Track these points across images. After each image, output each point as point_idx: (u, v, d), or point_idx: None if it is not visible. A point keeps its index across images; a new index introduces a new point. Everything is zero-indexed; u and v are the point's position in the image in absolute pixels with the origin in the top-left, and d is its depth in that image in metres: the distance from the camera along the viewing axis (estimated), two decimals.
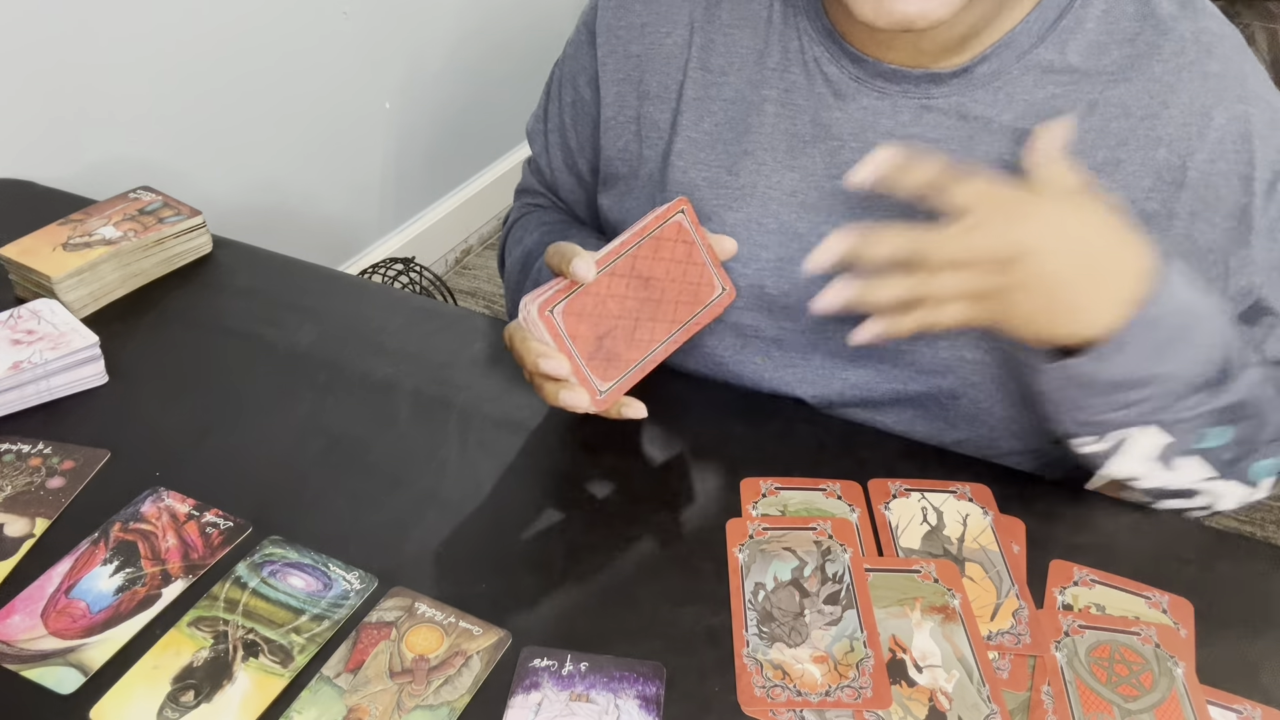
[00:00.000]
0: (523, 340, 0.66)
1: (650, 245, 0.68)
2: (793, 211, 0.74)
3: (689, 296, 0.71)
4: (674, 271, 0.69)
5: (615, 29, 0.80)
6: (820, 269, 0.59)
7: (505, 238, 0.95)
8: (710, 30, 0.77)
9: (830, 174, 0.73)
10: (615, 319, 0.67)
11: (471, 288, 2.20)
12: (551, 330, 0.64)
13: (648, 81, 0.79)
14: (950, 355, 0.72)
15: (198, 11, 1.47)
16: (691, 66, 0.77)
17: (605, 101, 0.82)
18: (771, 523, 0.67)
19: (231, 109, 1.58)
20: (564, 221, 0.91)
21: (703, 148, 0.77)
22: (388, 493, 0.70)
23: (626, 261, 0.66)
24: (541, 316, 0.64)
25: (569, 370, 0.65)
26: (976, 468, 0.72)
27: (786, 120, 0.74)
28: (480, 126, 2.25)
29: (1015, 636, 0.60)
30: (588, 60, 0.83)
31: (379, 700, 0.56)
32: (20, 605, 0.61)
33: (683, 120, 0.77)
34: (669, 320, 0.70)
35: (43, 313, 0.82)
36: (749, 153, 0.75)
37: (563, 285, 0.65)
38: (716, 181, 0.76)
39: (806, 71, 0.74)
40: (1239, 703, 0.57)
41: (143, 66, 1.41)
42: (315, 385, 0.79)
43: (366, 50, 1.84)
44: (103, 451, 0.72)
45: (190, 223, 0.93)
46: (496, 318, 0.89)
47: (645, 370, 0.69)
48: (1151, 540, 0.67)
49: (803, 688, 0.57)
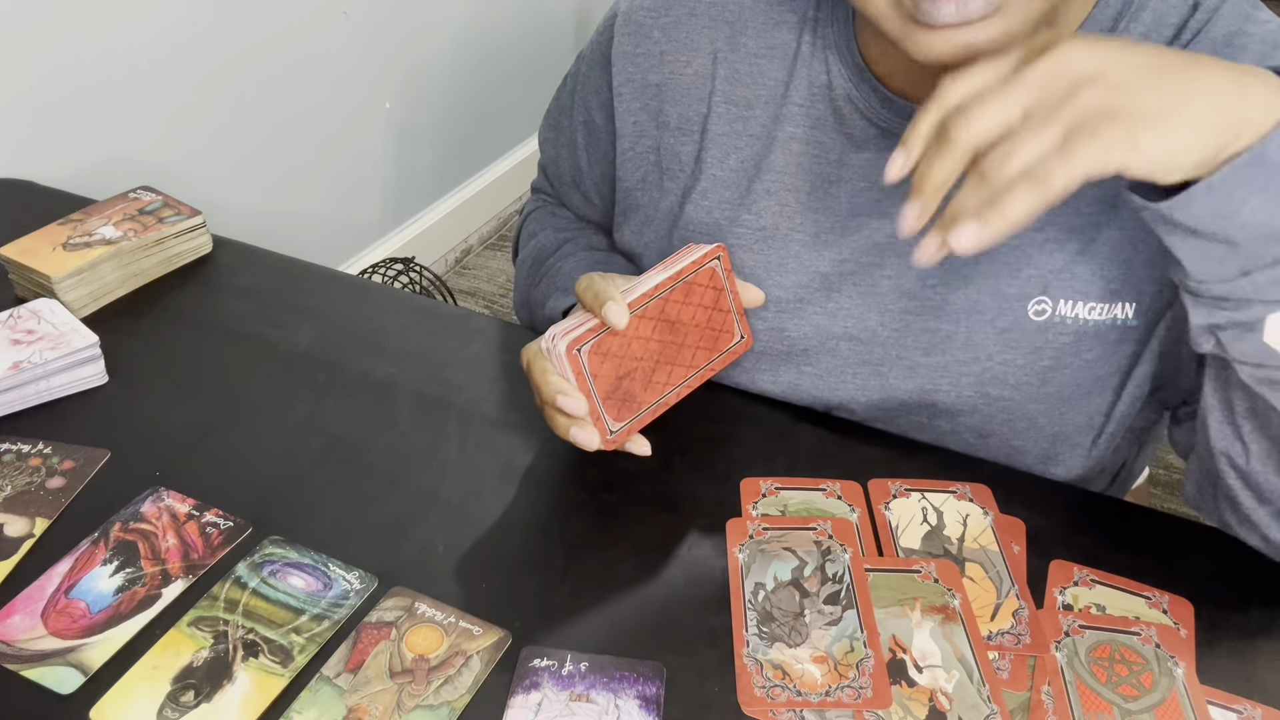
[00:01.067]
0: (542, 371, 0.65)
1: (682, 290, 0.67)
2: (814, 252, 0.73)
3: (709, 343, 0.71)
4: (699, 317, 0.69)
5: (632, 56, 0.77)
6: (902, 172, 0.52)
7: (520, 227, 0.95)
8: (735, 60, 0.74)
9: (854, 213, 0.71)
10: (637, 360, 0.66)
11: (471, 288, 2.20)
12: (576, 369, 0.63)
13: (667, 112, 0.77)
14: (974, 394, 0.71)
15: (197, 12, 1.47)
16: (716, 100, 0.75)
17: (622, 133, 0.80)
18: (771, 523, 0.67)
19: (231, 109, 1.58)
20: (578, 225, 0.90)
21: (727, 185, 0.75)
22: (388, 493, 0.70)
23: (657, 305, 0.66)
24: (569, 354, 0.63)
25: (586, 411, 0.64)
26: (976, 468, 0.72)
27: (810, 159, 0.72)
28: (480, 126, 2.25)
29: (1015, 636, 0.60)
30: (600, 84, 0.81)
31: (379, 700, 0.56)
32: (20, 605, 0.61)
33: (708, 157, 0.75)
34: (687, 365, 0.70)
35: (43, 312, 0.82)
36: (771, 192, 0.73)
37: (593, 325, 0.64)
38: (736, 220, 0.75)
39: (834, 109, 0.71)
40: (1239, 703, 0.57)
41: (143, 67, 1.41)
42: (315, 385, 0.79)
43: (366, 50, 1.84)
44: (103, 451, 0.72)
45: (190, 222, 0.93)
46: (496, 318, 0.89)
47: (656, 413, 0.69)
48: (1151, 540, 0.67)
49: (803, 688, 0.57)
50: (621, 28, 0.78)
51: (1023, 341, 0.69)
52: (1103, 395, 0.70)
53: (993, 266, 0.68)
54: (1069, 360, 0.69)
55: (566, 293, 0.79)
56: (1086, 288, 0.67)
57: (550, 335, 0.64)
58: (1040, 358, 0.69)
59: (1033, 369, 0.69)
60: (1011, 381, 0.70)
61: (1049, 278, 0.68)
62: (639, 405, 0.68)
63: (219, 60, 1.53)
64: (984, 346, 0.69)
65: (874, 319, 0.72)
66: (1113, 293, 0.67)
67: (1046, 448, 0.72)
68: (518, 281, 0.91)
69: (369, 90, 1.88)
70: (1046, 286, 0.68)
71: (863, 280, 0.72)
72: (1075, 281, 0.67)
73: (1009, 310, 0.68)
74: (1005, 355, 0.69)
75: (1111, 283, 0.67)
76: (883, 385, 0.73)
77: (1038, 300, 0.68)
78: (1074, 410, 0.71)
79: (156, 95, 1.45)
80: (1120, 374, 0.70)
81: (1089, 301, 0.68)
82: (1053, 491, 0.71)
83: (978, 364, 0.70)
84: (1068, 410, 0.71)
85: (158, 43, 1.42)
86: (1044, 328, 0.68)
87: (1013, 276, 0.68)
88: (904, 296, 0.71)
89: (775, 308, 0.74)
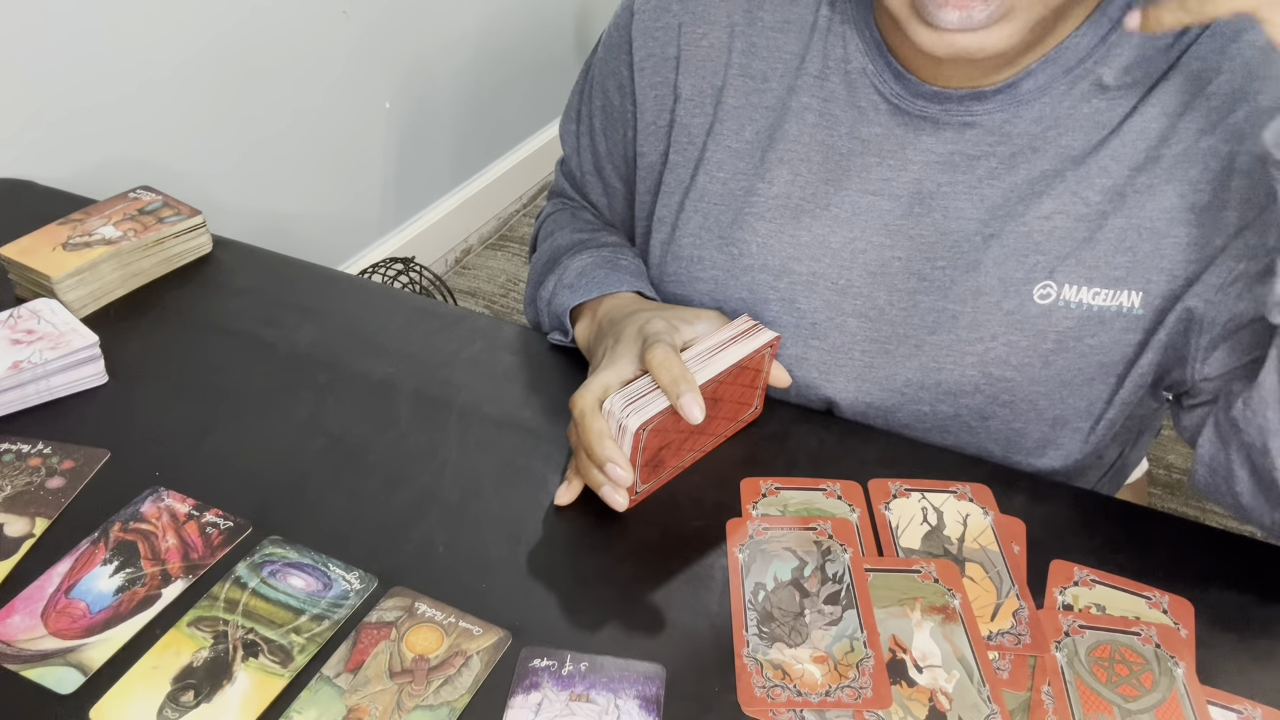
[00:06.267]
0: (598, 433, 0.64)
1: (733, 371, 0.68)
2: (826, 225, 0.73)
3: (732, 413, 0.73)
4: (734, 394, 0.71)
5: (652, 31, 0.78)
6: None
7: (538, 229, 0.95)
8: (751, 34, 0.75)
9: (865, 190, 0.72)
10: (676, 433, 0.67)
11: (471, 287, 2.20)
12: (635, 446, 0.64)
13: (682, 84, 0.77)
14: (977, 373, 0.71)
15: (197, 11, 1.47)
16: (732, 73, 0.76)
17: (643, 107, 0.80)
18: (772, 523, 0.67)
19: (231, 109, 1.58)
20: (595, 225, 0.91)
21: (741, 157, 0.76)
22: (388, 493, 0.70)
23: (710, 385, 0.66)
24: (636, 433, 0.63)
25: (630, 482, 0.65)
26: (976, 468, 0.72)
27: (824, 131, 0.73)
28: (480, 126, 2.25)
29: (1015, 636, 0.60)
30: (620, 65, 0.81)
31: (379, 700, 0.56)
32: (20, 605, 0.61)
33: (722, 128, 0.76)
34: (710, 434, 0.72)
35: (43, 312, 0.82)
36: (784, 161, 0.74)
37: (665, 408, 0.64)
38: (752, 190, 0.75)
39: (848, 82, 0.72)
40: (1239, 703, 0.57)
41: (143, 66, 1.41)
42: (315, 385, 0.79)
43: (366, 50, 1.84)
44: (102, 451, 0.72)
45: (190, 222, 0.93)
46: (496, 318, 0.89)
47: (673, 475, 0.71)
48: (1151, 540, 0.67)
49: (803, 688, 0.57)
50: (642, 5, 0.79)
51: (1027, 324, 0.70)
52: (1105, 381, 0.71)
53: (1001, 251, 0.69)
54: (1072, 344, 0.70)
55: (574, 289, 0.80)
56: (1091, 274, 0.68)
57: (621, 407, 0.64)
58: (1043, 340, 0.70)
59: (1036, 351, 0.70)
60: (1014, 363, 0.71)
61: (1055, 263, 0.68)
62: (665, 469, 0.70)
63: (219, 60, 1.53)
64: (988, 327, 0.70)
65: (883, 297, 0.73)
66: (1117, 280, 0.68)
67: (1046, 431, 0.73)
68: (530, 280, 0.92)
69: (369, 90, 1.88)
70: (1052, 271, 0.69)
71: (873, 260, 0.73)
72: (1080, 268, 0.68)
73: (1014, 293, 0.69)
74: (1009, 336, 0.70)
75: (1116, 270, 0.68)
76: (888, 362, 0.73)
77: (1043, 284, 0.69)
78: (1075, 394, 0.71)
79: (156, 95, 1.45)
80: (1124, 362, 0.70)
81: (1093, 288, 0.68)
82: (1053, 491, 0.71)
83: (981, 344, 0.71)
84: (1069, 394, 0.71)
85: (158, 43, 1.42)
86: (1048, 311, 0.69)
87: (1020, 261, 0.69)
88: (913, 277, 0.72)
89: (788, 280, 0.75)
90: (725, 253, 0.76)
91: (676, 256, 0.79)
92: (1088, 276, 0.68)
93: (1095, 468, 0.77)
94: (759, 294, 0.76)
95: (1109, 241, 0.67)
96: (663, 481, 0.70)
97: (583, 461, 0.67)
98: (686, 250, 0.78)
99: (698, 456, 0.72)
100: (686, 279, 0.79)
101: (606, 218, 0.92)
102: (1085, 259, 0.68)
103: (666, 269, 0.80)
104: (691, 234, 0.78)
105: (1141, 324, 0.69)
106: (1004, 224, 0.69)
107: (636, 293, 0.79)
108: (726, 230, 0.76)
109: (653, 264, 0.82)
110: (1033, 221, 0.69)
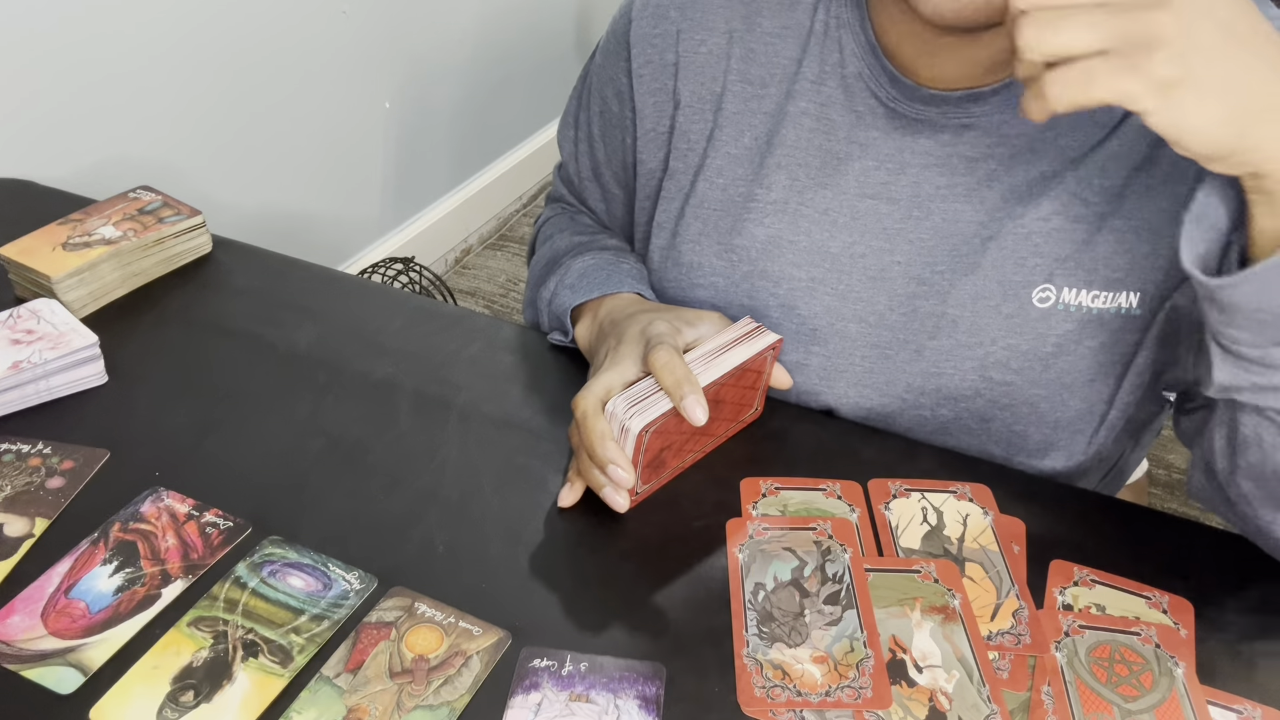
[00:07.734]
0: (600, 434, 0.64)
1: (735, 373, 0.68)
2: (824, 230, 0.73)
3: (733, 415, 0.73)
4: (735, 395, 0.71)
5: (650, 37, 0.78)
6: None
7: (537, 233, 0.95)
8: (750, 40, 0.75)
9: (863, 194, 0.72)
10: (677, 434, 0.67)
11: (471, 287, 2.20)
12: (638, 448, 0.64)
13: (681, 90, 0.77)
14: (977, 378, 0.71)
15: (197, 11, 1.47)
16: (731, 79, 0.76)
17: (642, 114, 0.80)
18: (771, 523, 0.67)
19: (231, 109, 1.58)
20: (594, 229, 0.91)
21: (740, 163, 0.76)
22: (388, 493, 0.70)
23: (712, 387, 0.66)
24: (639, 435, 0.63)
25: (632, 483, 0.65)
26: (976, 468, 0.72)
27: (821, 136, 0.73)
28: (480, 126, 2.25)
29: (1015, 636, 0.60)
30: (619, 72, 0.81)
31: (379, 700, 0.56)
32: (20, 605, 0.61)
33: (721, 135, 0.76)
34: (711, 435, 0.72)
35: (42, 312, 0.82)
36: (782, 166, 0.74)
37: (668, 410, 0.63)
38: (750, 195, 0.75)
39: (845, 87, 0.72)
40: (1239, 703, 0.57)
41: (143, 66, 1.41)
42: (315, 385, 0.79)
43: (366, 49, 1.84)
44: (102, 451, 0.72)
45: (190, 222, 0.93)
46: (496, 318, 0.89)
47: (674, 475, 0.71)
48: (1151, 540, 0.67)
49: (803, 688, 0.57)
50: (640, 11, 0.79)
51: (1026, 327, 0.70)
52: (1105, 383, 0.71)
53: (999, 253, 0.69)
54: (1072, 347, 0.70)
55: (575, 289, 0.80)
56: (1090, 276, 0.68)
57: (625, 409, 0.64)
58: (1043, 343, 0.70)
59: (1036, 354, 0.70)
60: (1014, 366, 0.70)
61: (1053, 266, 0.68)
62: (664, 470, 0.69)
63: (219, 60, 1.53)
64: (988, 331, 0.70)
65: (883, 302, 0.73)
66: (1117, 281, 0.68)
67: (1048, 434, 0.73)
68: (529, 282, 0.92)
69: (369, 90, 1.88)
70: (1051, 274, 0.69)
71: (873, 265, 0.73)
72: (1080, 270, 0.68)
73: (1013, 297, 0.69)
74: (1009, 340, 0.70)
75: (1116, 272, 0.68)
76: (888, 368, 0.73)
77: (1042, 287, 0.69)
78: (1076, 397, 0.71)
79: (156, 95, 1.45)
80: (1122, 362, 0.70)
81: (1092, 290, 0.68)
82: (1053, 491, 0.71)
83: (981, 348, 0.71)
84: (1070, 397, 0.71)
85: (157, 43, 1.42)
86: (1047, 314, 0.69)
87: (1018, 264, 0.69)
88: (913, 281, 0.72)
89: (788, 285, 0.75)
90: (725, 259, 0.76)
91: (676, 263, 0.79)
92: (1087, 279, 0.68)
93: (1096, 469, 0.78)
94: (759, 300, 0.76)
95: (1108, 243, 0.67)
96: (663, 482, 0.70)
97: (584, 462, 0.67)
98: (686, 256, 0.78)
99: (698, 457, 0.72)
100: (686, 285, 0.79)
101: (605, 223, 0.92)
102: (1084, 261, 0.68)
103: (666, 275, 0.80)
104: (691, 240, 0.78)
105: (1140, 323, 0.69)
106: (1002, 226, 0.69)
107: (637, 294, 0.79)
108: (726, 236, 0.76)
109: (653, 269, 0.82)
110: (1031, 223, 0.68)
